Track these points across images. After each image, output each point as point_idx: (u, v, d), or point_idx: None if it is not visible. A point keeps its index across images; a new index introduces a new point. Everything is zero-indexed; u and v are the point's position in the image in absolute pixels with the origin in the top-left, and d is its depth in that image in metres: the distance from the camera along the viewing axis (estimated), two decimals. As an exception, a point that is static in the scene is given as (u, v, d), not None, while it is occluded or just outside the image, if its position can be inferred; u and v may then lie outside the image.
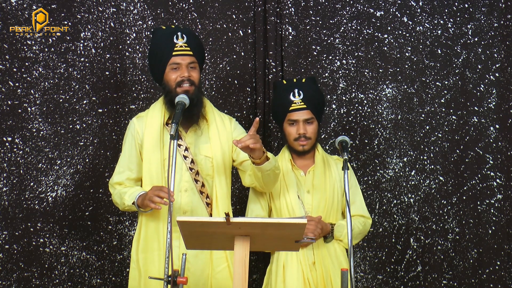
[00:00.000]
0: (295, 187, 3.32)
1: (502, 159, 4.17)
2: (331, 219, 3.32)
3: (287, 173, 3.35)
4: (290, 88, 3.33)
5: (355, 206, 3.38)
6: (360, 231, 3.36)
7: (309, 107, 3.31)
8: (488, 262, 4.14)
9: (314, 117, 3.33)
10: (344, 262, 3.30)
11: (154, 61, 3.21)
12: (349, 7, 4.19)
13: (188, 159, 3.18)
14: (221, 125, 3.25)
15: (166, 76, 3.15)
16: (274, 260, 3.32)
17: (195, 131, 3.22)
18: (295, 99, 3.31)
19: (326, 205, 3.31)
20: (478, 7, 4.20)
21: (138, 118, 3.27)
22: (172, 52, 3.12)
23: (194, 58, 3.16)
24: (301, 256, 3.24)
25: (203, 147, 3.21)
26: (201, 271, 3.19)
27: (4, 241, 4.00)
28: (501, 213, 4.15)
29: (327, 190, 3.31)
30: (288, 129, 3.35)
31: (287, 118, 3.33)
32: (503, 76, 4.19)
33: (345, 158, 2.96)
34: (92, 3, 4.10)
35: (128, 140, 3.26)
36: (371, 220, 3.46)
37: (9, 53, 4.04)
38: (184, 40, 3.14)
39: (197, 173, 3.19)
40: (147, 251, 3.16)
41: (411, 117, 4.19)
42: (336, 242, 3.32)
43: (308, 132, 3.31)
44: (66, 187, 4.06)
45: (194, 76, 3.14)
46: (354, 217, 3.34)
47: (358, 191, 3.44)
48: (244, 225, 2.54)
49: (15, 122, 4.03)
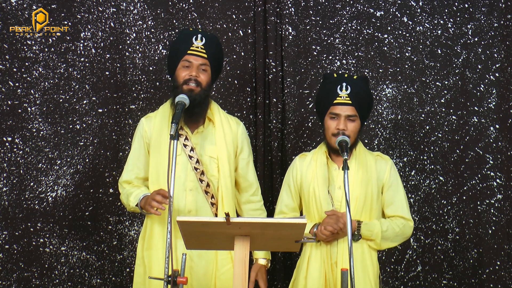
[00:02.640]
0: (326, 181, 3.23)
1: (502, 159, 4.17)
2: (362, 218, 3.20)
3: (321, 167, 3.26)
4: (339, 82, 3.22)
5: (394, 207, 3.26)
6: (397, 233, 3.22)
7: (354, 104, 3.19)
8: (488, 262, 4.14)
9: (357, 115, 3.20)
10: (370, 266, 3.19)
11: (170, 55, 3.32)
12: (349, 7, 4.19)
13: (194, 159, 3.23)
14: (228, 127, 3.30)
15: (177, 71, 3.23)
16: (302, 254, 3.29)
17: (201, 132, 3.28)
18: (341, 93, 3.20)
19: (356, 204, 3.19)
20: (478, 7, 4.20)
21: (147, 118, 3.34)
22: (187, 50, 3.21)
23: (207, 61, 3.23)
24: (324, 254, 3.18)
25: (209, 148, 3.26)
26: (205, 270, 3.22)
27: (4, 241, 4.00)
28: (501, 213, 4.15)
29: (357, 189, 3.20)
30: (328, 123, 3.22)
31: (329, 111, 3.21)
32: (503, 76, 4.19)
33: (345, 158, 2.94)
34: (92, 3, 4.10)
35: (137, 140, 3.32)
36: (413, 223, 3.28)
37: (9, 53, 4.04)
38: (202, 42, 3.23)
39: (202, 173, 3.24)
40: (151, 249, 3.21)
41: (411, 117, 4.19)
42: (365, 243, 3.20)
43: (348, 129, 3.17)
44: (66, 187, 4.06)
45: (202, 78, 3.21)
46: (392, 218, 3.25)
47: (400, 191, 3.29)
48: (244, 225, 2.54)
49: (15, 122, 4.04)
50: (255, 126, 4.16)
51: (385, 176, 3.28)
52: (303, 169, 3.32)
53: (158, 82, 4.12)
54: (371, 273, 3.20)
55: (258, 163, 4.10)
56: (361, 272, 3.16)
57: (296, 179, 3.33)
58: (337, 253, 3.17)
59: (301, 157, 3.38)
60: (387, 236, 3.20)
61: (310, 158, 3.33)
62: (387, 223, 3.21)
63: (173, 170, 2.80)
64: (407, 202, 3.30)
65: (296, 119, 4.15)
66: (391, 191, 3.28)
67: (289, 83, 4.15)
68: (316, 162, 3.29)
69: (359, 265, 3.16)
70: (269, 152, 4.15)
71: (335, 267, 3.16)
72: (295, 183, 3.34)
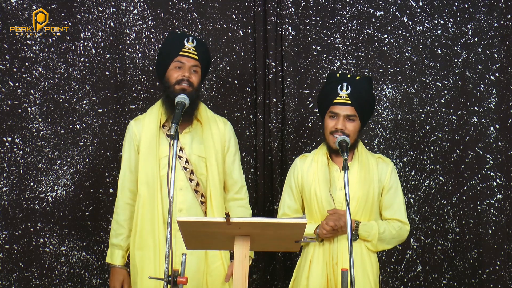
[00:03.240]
0: (327, 183, 3.24)
1: (502, 159, 4.17)
2: (361, 219, 3.22)
3: (322, 168, 3.27)
4: (340, 81, 3.24)
5: (392, 210, 3.27)
6: (393, 236, 3.24)
7: (353, 104, 3.20)
8: (488, 262, 4.14)
9: (356, 115, 3.21)
10: (369, 266, 3.20)
11: (161, 56, 3.39)
12: (349, 7, 4.19)
13: (183, 159, 3.30)
14: (215, 127, 3.38)
15: (168, 72, 3.30)
16: (303, 255, 3.29)
17: (190, 132, 3.35)
18: (341, 93, 3.21)
19: (357, 205, 3.20)
20: (478, 7, 4.20)
21: (136, 121, 3.41)
22: (180, 51, 3.29)
23: (198, 62, 3.31)
24: (327, 255, 3.19)
25: (197, 147, 3.33)
26: (197, 267, 3.28)
27: (4, 241, 4.00)
28: (501, 213, 4.15)
29: (359, 190, 3.21)
30: (327, 122, 3.24)
31: (329, 110, 3.23)
32: (503, 76, 4.19)
33: (345, 158, 2.94)
34: (92, 3, 4.10)
35: (127, 144, 3.40)
36: (409, 227, 3.30)
37: (9, 53, 4.04)
38: (193, 44, 3.31)
39: (192, 172, 3.31)
40: (143, 248, 3.26)
41: (411, 117, 4.19)
42: (363, 244, 3.21)
43: (347, 129, 3.18)
44: (66, 187, 4.06)
45: (193, 79, 3.29)
46: (389, 221, 3.26)
47: (399, 194, 3.31)
48: (244, 225, 2.54)
49: (15, 122, 4.04)
50: (255, 126, 4.16)
51: (386, 179, 3.29)
52: (304, 170, 3.32)
53: (158, 82, 4.12)
54: (370, 273, 3.20)
55: (258, 163, 4.11)
56: (361, 272, 3.17)
57: (297, 181, 3.34)
58: (337, 253, 3.17)
59: (301, 158, 3.39)
60: (383, 238, 3.21)
61: (311, 159, 3.33)
62: (384, 225, 3.23)
63: (173, 170, 2.80)
64: (404, 206, 3.32)
65: (296, 119, 4.15)
66: (390, 194, 3.29)
67: (289, 83, 4.15)
68: (317, 164, 3.29)
69: (358, 265, 3.16)
70: (269, 152, 4.15)
71: (336, 267, 3.16)
72: (296, 185, 3.34)
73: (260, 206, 4.11)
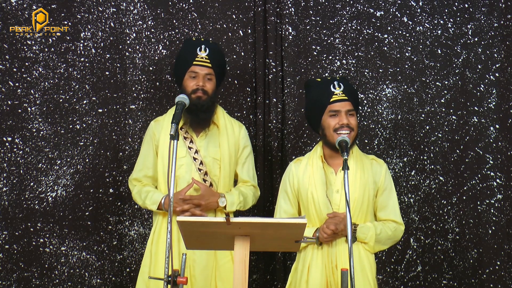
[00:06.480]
0: (324, 186, 3.23)
1: (502, 159, 4.17)
2: (358, 221, 3.22)
3: (317, 171, 3.26)
4: (329, 82, 3.26)
5: (387, 210, 3.28)
6: (388, 237, 3.25)
7: (350, 99, 3.23)
8: (488, 262, 4.14)
9: (355, 110, 3.24)
10: (367, 266, 3.20)
11: (177, 65, 3.57)
12: (349, 7, 4.19)
13: (198, 160, 3.47)
14: (231, 131, 3.55)
15: (185, 82, 3.47)
16: (300, 259, 3.28)
17: (206, 136, 3.51)
18: (336, 91, 3.23)
19: (354, 206, 3.20)
20: (478, 7, 4.19)
21: (156, 122, 3.58)
22: (193, 61, 3.45)
23: (211, 70, 3.47)
24: (325, 258, 3.18)
25: (213, 150, 3.50)
26: (206, 261, 3.41)
27: (4, 241, 4.00)
28: (501, 213, 4.15)
29: (356, 191, 3.20)
30: (328, 121, 3.22)
31: (328, 110, 3.22)
32: (503, 76, 4.19)
33: (345, 159, 2.94)
34: (92, 3, 4.10)
35: (146, 142, 3.58)
36: (404, 227, 3.32)
37: (9, 53, 4.05)
38: (206, 52, 3.46)
39: (206, 173, 3.48)
40: (159, 244, 3.43)
41: (411, 117, 4.19)
42: (361, 245, 3.21)
43: (351, 124, 3.20)
44: (66, 187, 4.06)
45: (208, 87, 3.46)
46: (385, 222, 3.27)
47: (393, 195, 3.31)
48: (244, 225, 2.55)
49: (15, 122, 4.04)
50: (255, 126, 4.16)
51: (381, 180, 3.29)
52: (300, 174, 3.31)
53: (158, 82, 4.12)
54: (369, 273, 3.20)
55: (258, 163, 4.10)
56: (360, 272, 3.17)
57: (293, 185, 3.33)
58: (336, 256, 3.17)
59: (296, 162, 3.38)
60: (380, 239, 3.22)
61: (306, 162, 3.33)
62: (380, 227, 3.23)
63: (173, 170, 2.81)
64: (398, 206, 3.33)
65: (296, 119, 4.15)
66: (385, 195, 3.29)
67: (289, 83, 4.15)
68: (313, 167, 3.29)
69: (357, 266, 3.16)
70: (269, 152, 4.15)
71: (335, 270, 3.15)
72: (292, 189, 3.33)
73: (260, 206, 4.10)
